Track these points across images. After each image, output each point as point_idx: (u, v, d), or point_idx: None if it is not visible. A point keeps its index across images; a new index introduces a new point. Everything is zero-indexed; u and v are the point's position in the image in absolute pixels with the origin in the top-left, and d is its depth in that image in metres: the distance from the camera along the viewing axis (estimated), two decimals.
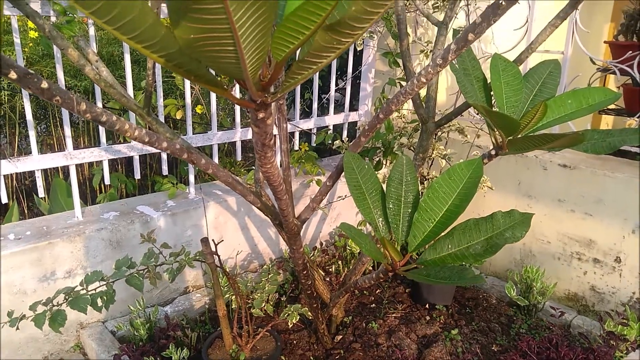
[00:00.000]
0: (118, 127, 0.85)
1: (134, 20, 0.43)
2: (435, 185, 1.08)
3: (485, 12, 0.93)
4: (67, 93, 0.77)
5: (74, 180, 1.70)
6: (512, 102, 1.25)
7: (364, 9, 0.43)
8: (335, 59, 2.39)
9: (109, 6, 0.42)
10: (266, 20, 0.42)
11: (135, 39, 0.46)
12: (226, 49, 0.44)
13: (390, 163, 2.21)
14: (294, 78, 0.55)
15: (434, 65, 0.97)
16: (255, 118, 0.65)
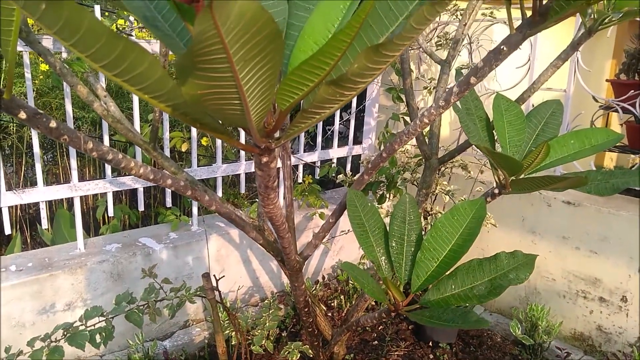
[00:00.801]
0: (124, 164, 0.86)
1: (142, 74, 0.44)
2: (438, 225, 1.08)
3: (487, 56, 0.95)
4: (74, 132, 0.78)
5: (77, 211, 1.70)
6: (515, 141, 1.26)
7: (366, 66, 0.44)
8: None
9: (119, 60, 0.43)
10: (270, 76, 0.43)
11: (143, 90, 0.47)
12: (231, 102, 0.45)
13: (393, 197, 2.21)
14: (298, 126, 0.56)
15: (436, 107, 0.98)
16: (259, 162, 0.65)
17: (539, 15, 0.84)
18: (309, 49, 0.57)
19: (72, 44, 0.41)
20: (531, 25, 0.86)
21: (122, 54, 0.42)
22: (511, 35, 0.90)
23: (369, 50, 0.42)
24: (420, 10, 0.39)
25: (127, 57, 0.42)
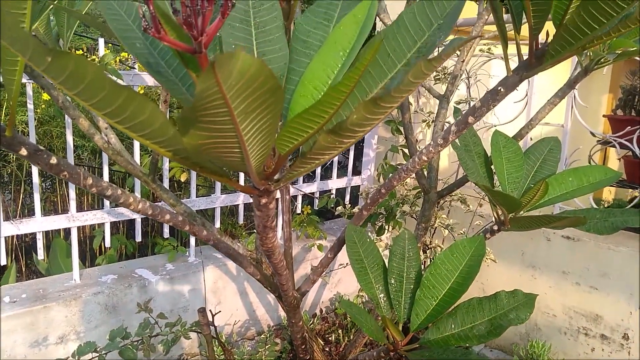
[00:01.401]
0: (122, 200, 0.86)
1: (144, 122, 0.45)
2: (437, 262, 1.07)
3: (484, 97, 0.96)
4: (74, 168, 0.78)
5: (74, 242, 1.69)
6: (514, 178, 1.26)
7: (365, 117, 0.44)
8: None
9: (121, 109, 0.43)
10: (270, 126, 0.44)
11: (144, 137, 0.48)
12: (232, 151, 0.45)
13: (392, 229, 2.20)
14: (297, 170, 0.56)
15: (435, 145, 0.99)
16: (258, 203, 0.65)
17: (535, 59, 0.86)
18: (309, 94, 0.58)
19: (76, 93, 0.42)
20: (528, 68, 0.87)
21: (125, 103, 0.43)
22: (508, 77, 0.92)
23: (368, 103, 0.42)
24: (418, 66, 0.40)
25: (129, 106, 0.43)
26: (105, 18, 0.50)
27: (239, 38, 0.62)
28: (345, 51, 0.58)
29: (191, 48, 0.45)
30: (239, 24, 0.62)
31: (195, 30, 0.42)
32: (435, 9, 0.57)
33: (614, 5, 0.67)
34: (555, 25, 0.81)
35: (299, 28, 0.63)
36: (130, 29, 0.52)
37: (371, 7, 0.57)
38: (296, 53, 0.63)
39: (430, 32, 0.58)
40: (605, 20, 0.70)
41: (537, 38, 0.84)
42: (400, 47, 0.59)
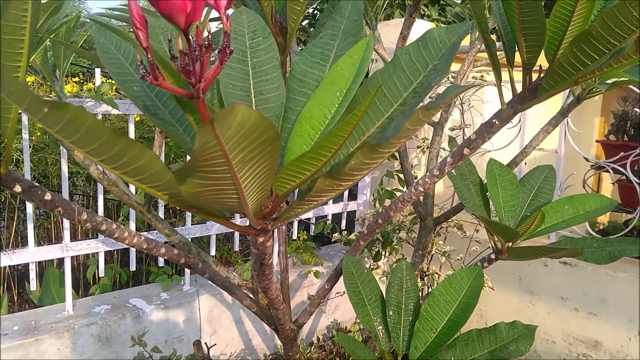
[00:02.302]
0: (117, 235, 0.85)
1: (141, 167, 0.45)
2: (436, 293, 1.07)
3: (479, 129, 0.97)
4: (69, 204, 0.78)
5: (67, 272, 1.67)
6: (510, 206, 1.26)
7: (363, 162, 0.44)
8: None
9: (118, 156, 0.43)
10: (268, 171, 0.43)
11: (140, 181, 0.47)
12: (229, 196, 0.45)
13: (389, 254, 2.19)
14: (295, 211, 0.56)
15: (431, 176, 0.99)
16: (255, 242, 0.65)
17: (528, 92, 0.87)
18: (306, 133, 0.58)
19: (72, 141, 0.42)
20: (522, 101, 0.88)
21: (122, 150, 0.42)
22: (502, 110, 0.93)
23: (366, 149, 0.42)
24: (416, 114, 0.40)
25: (126, 153, 0.43)
26: (102, 61, 0.51)
27: (236, 78, 0.62)
28: (342, 91, 0.58)
29: (189, 93, 0.45)
30: (236, 64, 0.63)
31: (193, 78, 0.43)
32: (431, 50, 0.58)
33: (606, 43, 0.68)
34: (547, 60, 0.82)
35: (296, 67, 0.64)
36: (128, 72, 0.52)
37: (367, 49, 0.58)
38: (293, 92, 0.63)
39: (425, 72, 0.58)
40: (597, 57, 0.71)
41: (530, 72, 0.85)
42: (396, 87, 0.59)
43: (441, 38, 0.58)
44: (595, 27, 0.67)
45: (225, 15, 0.44)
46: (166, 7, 0.37)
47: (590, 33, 0.68)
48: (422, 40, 0.59)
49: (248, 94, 0.62)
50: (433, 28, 0.59)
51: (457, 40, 0.57)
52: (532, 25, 0.76)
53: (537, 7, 0.73)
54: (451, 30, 0.58)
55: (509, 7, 0.77)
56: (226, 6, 0.43)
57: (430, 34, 0.59)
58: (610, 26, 0.65)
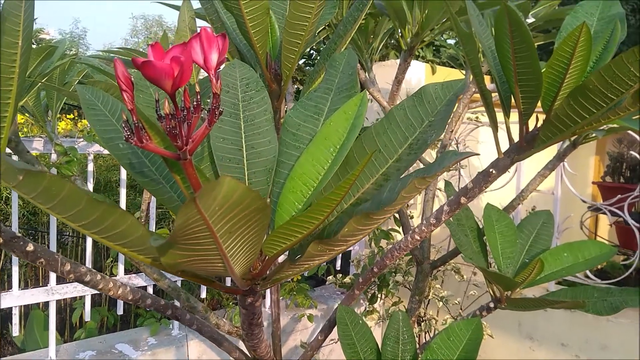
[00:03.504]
0: (102, 286, 0.81)
1: (122, 232, 0.42)
2: (433, 347, 1.02)
3: (476, 178, 0.95)
4: (51, 255, 0.75)
5: (52, 317, 1.61)
6: (508, 253, 1.24)
7: (356, 229, 0.42)
8: None
9: (98, 222, 0.41)
10: (256, 239, 0.41)
11: (122, 246, 0.45)
12: (214, 264, 0.42)
13: (385, 297, 2.15)
14: (285, 274, 0.53)
15: (427, 224, 0.96)
16: (243, 302, 0.62)
17: (525, 142, 0.86)
18: (298, 190, 0.56)
19: (49, 207, 0.39)
20: (519, 151, 0.87)
21: (102, 216, 0.40)
22: (499, 160, 0.91)
23: (361, 217, 0.40)
24: (412, 183, 0.38)
25: (107, 219, 0.41)
26: (87, 118, 0.49)
27: (227, 131, 0.60)
28: (336, 147, 0.56)
29: (176, 155, 0.43)
30: (227, 117, 0.61)
31: (179, 141, 0.41)
32: (427, 106, 0.57)
33: (603, 97, 0.67)
34: (544, 110, 0.81)
35: (289, 121, 0.63)
36: (114, 129, 0.50)
37: (361, 104, 0.56)
38: (286, 146, 0.62)
39: (421, 129, 0.57)
40: (595, 111, 0.70)
41: (527, 122, 0.84)
42: (391, 142, 0.57)
43: (437, 94, 0.57)
44: (592, 82, 0.66)
45: (214, 76, 0.42)
46: (152, 71, 0.36)
47: (588, 87, 0.67)
48: (417, 95, 0.58)
49: (239, 147, 0.60)
50: (428, 84, 0.58)
51: (453, 97, 0.56)
52: (529, 77, 0.75)
53: (533, 59, 0.73)
54: (447, 87, 0.57)
55: (504, 58, 0.77)
56: (216, 68, 0.42)
57: (425, 89, 0.58)
58: (607, 81, 0.65)
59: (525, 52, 0.72)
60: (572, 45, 0.70)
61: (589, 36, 0.70)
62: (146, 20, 17.14)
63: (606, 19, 0.92)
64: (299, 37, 0.85)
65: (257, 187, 0.59)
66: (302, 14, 0.82)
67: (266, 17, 0.85)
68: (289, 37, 0.85)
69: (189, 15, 1.30)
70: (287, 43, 0.86)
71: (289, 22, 0.83)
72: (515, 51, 0.73)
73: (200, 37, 0.41)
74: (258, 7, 0.82)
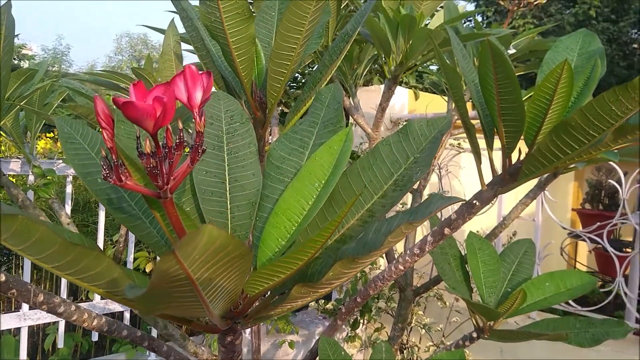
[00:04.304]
0: (75, 317, 0.78)
1: (98, 273, 0.41)
2: None
3: (460, 209, 0.95)
4: (24, 285, 0.72)
5: (23, 342, 1.56)
6: (490, 282, 1.24)
7: (341, 272, 0.41)
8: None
9: (72, 263, 0.40)
10: (237, 282, 0.40)
11: (97, 287, 0.43)
12: (192, 308, 0.41)
13: (367, 322, 2.12)
14: (268, 314, 0.52)
15: (411, 254, 0.96)
16: (222, 340, 0.60)
17: (508, 175, 0.86)
18: (282, 225, 0.55)
19: (21, 249, 0.38)
20: (502, 184, 0.87)
21: (77, 258, 0.39)
22: (482, 192, 0.91)
23: (346, 261, 0.39)
24: (399, 228, 0.37)
25: (81, 261, 0.39)
26: (65, 153, 0.47)
27: (211, 164, 0.59)
28: (321, 182, 0.56)
29: (156, 193, 0.42)
30: (211, 150, 0.60)
31: (160, 181, 0.40)
32: (412, 142, 0.57)
33: (585, 134, 0.68)
34: (527, 144, 0.82)
35: (274, 154, 0.62)
36: (93, 163, 0.49)
37: (347, 140, 0.56)
38: (270, 179, 0.61)
39: (406, 165, 0.56)
40: (577, 147, 0.71)
41: (510, 156, 0.85)
42: (376, 178, 0.57)
43: (422, 131, 0.57)
44: (575, 119, 0.67)
45: (198, 114, 0.41)
46: (133, 112, 0.35)
47: (571, 124, 0.68)
48: (402, 131, 0.58)
49: (222, 180, 0.59)
50: (414, 120, 0.58)
51: (438, 134, 0.56)
52: (512, 112, 0.76)
53: (516, 95, 0.74)
54: (432, 124, 0.57)
55: (488, 92, 0.78)
56: (200, 106, 0.41)
57: (410, 126, 0.58)
58: (589, 119, 0.66)
59: (509, 87, 0.73)
60: (554, 82, 0.72)
61: (570, 73, 0.71)
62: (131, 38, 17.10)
63: (586, 54, 0.94)
64: (285, 67, 0.85)
65: (240, 221, 0.58)
66: (288, 44, 0.82)
67: (252, 46, 0.84)
68: (275, 67, 0.84)
69: (174, 40, 1.30)
70: (273, 72, 0.85)
71: (275, 52, 0.83)
72: (498, 86, 0.74)
73: (184, 74, 0.40)
74: (244, 36, 0.82)
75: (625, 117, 0.64)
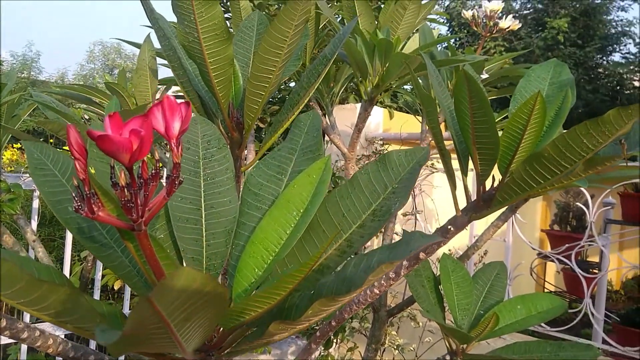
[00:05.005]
0: (40, 343, 0.75)
1: (66, 310, 0.39)
2: None
3: (434, 234, 0.96)
4: None
5: None
6: (464, 305, 1.25)
7: (320, 309, 0.40)
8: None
9: (40, 299, 0.38)
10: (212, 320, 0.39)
11: (67, 322, 0.42)
12: (165, 346, 0.39)
13: (340, 341, 2.11)
14: (243, 349, 0.50)
15: (386, 278, 0.96)
16: None
17: (482, 201, 0.88)
18: (259, 255, 0.54)
19: None
20: (476, 210, 0.88)
21: (45, 294, 0.37)
22: (457, 217, 0.92)
23: (325, 299, 0.39)
24: (380, 267, 0.37)
25: (50, 297, 0.37)
26: (34, 180, 0.45)
27: (186, 190, 0.58)
28: (299, 211, 0.55)
29: (130, 226, 0.41)
30: (187, 175, 0.59)
31: (134, 214, 0.38)
32: (390, 173, 0.57)
33: (557, 165, 0.70)
34: (501, 172, 0.84)
35: (251, 180, 0.61)
36: (64, 190, 0.47)
37: (325, 169, 0.56)
38: (247, 206, 0.60)
39: (385, 195, 0.56)
40: (549, 177, 0.72)
41: (484, 183, 0.86)
42: (354, 207, 0.57)
43: (400, 161, 0.57)
44: (547, 150, 0.68)
45: (176, 145, 0.40)
46: (109, 145, 0.34)
47: (543, 155, 0.69)
48: (381, 161, 0.58)
49: (198, 207, 0.58)
50: (392, 151, 0.58)
51: (416, 165, 0.56)
52: (486, 141, 0.77)
53: (491, 124, 0.75)
54: (410, 154, 0.57)
55: (463, 121, 0.79)
56: (177, 136, 0.40)
57: (389, 156, 0.58)
58: (562, 150, 0.67)
59: (483, 117, 0.74)
60: (527, 113, 0.73)
61: (543, 105, 0.73)
62: (104, 46, 16.86)
63: (557, 84, 0.97)
64: (263, 89, 0.85)
65: (215, 249, 0.57)
66: (267, 67, 0.82)
67: (230, 67, 0.84)
68: (253, 88, 0.84)
69: (150, 55, 1.28)
70: (250, 94, 0.85)
71: (253, 73, 0.82)
72: (473, 115, 0.75)
73: (162, 105, 0.39)
74: (222, 57, 0.81)
75: (596, 150, 0.66)
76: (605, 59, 8.61)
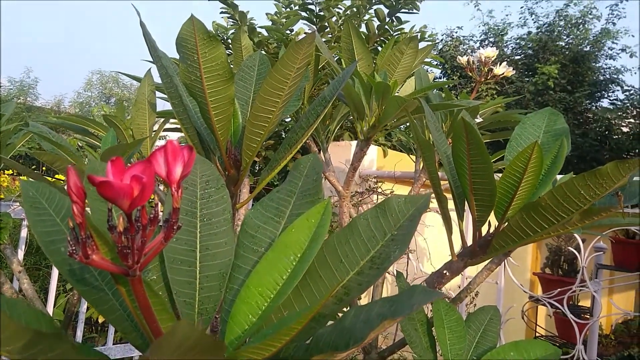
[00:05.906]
0: None
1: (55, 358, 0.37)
2: None
3: (430, 278, 0.95)
4: None
5: None
6: (456, 349, 1.22)
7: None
8: None
9: (28, 347, 0.36)
10: None
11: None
12: None
13: None
14: None
15: None
16: None
17: (478, 247, 0.87)
18: (254, 301, 0.53)
19: None
20: (472, 255, 0.88)
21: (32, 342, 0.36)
22: (452, 262, 0.92)
23: (323, 356, 0.38)
24: (382, 324, 0.36)
25: (37, 345, 0.36)
26: (28, 218, 0.44)
27: (182, 231, 0.57)
28: (297, 256, 0.54)
29: (125, 271, 0.39)
30: (183, 215, 0.58)
31: (130, 260, 0.37)
32: (389, 219, 0.56)
33: (554, 214, 0.70)
34: (497, 219, 0.84)
35: (248, 222, 0.60)
36: (58, 230, 0.46)
37: (325, 213, 0.55)
38: (243, 248, 0.59)
39: (383, 242, 0.56)
40: (546, 226, 0.72)
41: (480, 228, 0.86)
42: (352, 253, 0.56)
43: (400, 208, 0.57)
44: (545, 200, 0.69)
45: (176, 190, 0.40)
46: (109, 191, 0.33)
47: (541, 204, 0.69)
48: (380, 207, 0.58)
49: (193, 248, 0.57)
50: (392, 197, 0.58)
51: (416, 212, 0.55)
52: (484, 188, 0.78)
53: (488, 172, 0.76)
54: (410, 202, 0.57)
55: (460, 167, 0.80)
56: (178, 182, 0.40)
57: (388, 203, 0.58)
58: (559, 201, 0.67)
59: (481, 164, 0.75)
60: (524, 161, 0.74)
61: (540, 154, 0.74)
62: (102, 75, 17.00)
63: (552, 132, 0.98)
64: (262, 128, 0.85)
65: (209, 293, 0.56)
66: (267, 107, 0.82)
67: (231, 106, 0.84)
68: (253, 128, 0.84)
69: (149, 89, 1.29)
70: (250, 133, 0.85)
71: (253, 113, 0.83)
72: (471, 162, 0.75)
73: (165, 150, 0.39)
74: (224, 96, 0.82)
75: (592, 201, 0.66)
76: (594, 105, 8.82)
